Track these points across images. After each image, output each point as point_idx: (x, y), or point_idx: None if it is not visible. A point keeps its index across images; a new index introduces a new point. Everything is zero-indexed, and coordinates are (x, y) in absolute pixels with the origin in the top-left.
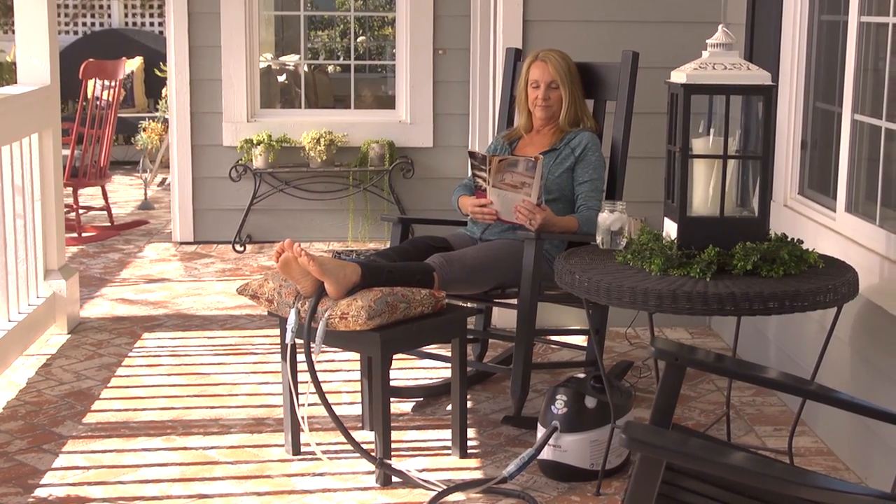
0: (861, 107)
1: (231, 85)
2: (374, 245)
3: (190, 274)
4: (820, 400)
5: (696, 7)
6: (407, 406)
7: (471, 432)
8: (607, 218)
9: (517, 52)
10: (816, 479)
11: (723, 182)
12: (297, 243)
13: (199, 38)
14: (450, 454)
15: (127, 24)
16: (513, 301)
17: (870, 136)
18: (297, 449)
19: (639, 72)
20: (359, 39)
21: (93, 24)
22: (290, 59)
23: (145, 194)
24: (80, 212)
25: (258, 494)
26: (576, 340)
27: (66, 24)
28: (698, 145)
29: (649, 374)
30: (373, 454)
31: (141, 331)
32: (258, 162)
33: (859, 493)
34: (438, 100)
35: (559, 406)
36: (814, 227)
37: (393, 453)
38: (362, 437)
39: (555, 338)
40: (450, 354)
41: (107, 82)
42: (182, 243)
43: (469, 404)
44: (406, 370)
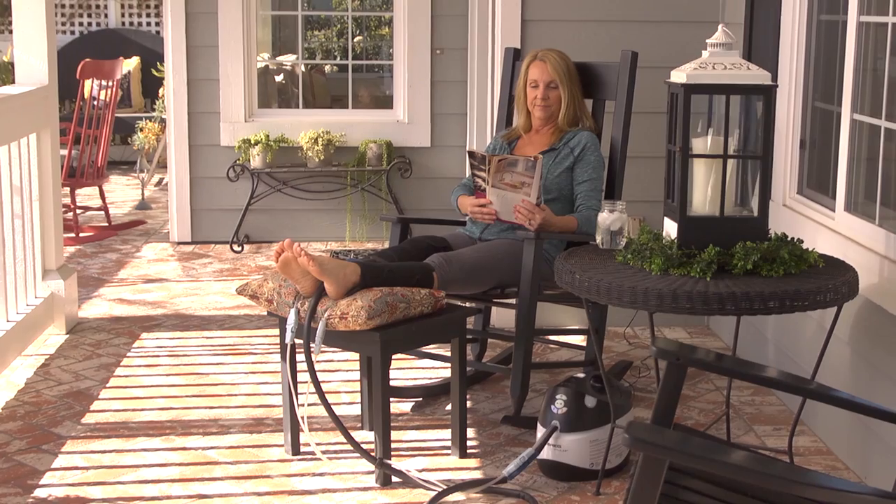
0: (860, 106)
1: (228, 85)
2: (371, 245)
3: (188, 274)
4: (822, 399)
5: (695, 7)
6: (406, 406)
7: (470, 432)
8: (607, 218)
9: (516, 51)
10: (819, 479)
11: (723, 182)
12: (297, 243)
13: (196, 37)
14: (449, 454)
15: (123, 23)
16: (512, 301)
17: (869, 135)
18: (296, 449)
19: (637, 71)
20: (355, 39)
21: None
22: (287, 59)
23: (142, 194)
24: (78, 212)
25: (258, 494)
26: (574, 340)
27: (63, 23)
28: (698, 145)
29: (648, 374)
30: (372, 454)
31: (139, 331)
32: (256, 162)
33: (862, 493)
34: (436, 100)
35: (559, 406)
36: (813, 227)
37: (392, 453)
38: (362, 437)
39: (553, 337)
40: (448, 354)
41: (104, 82)
42: (180, 243)
43: (468, 404)
44: (405, 370)
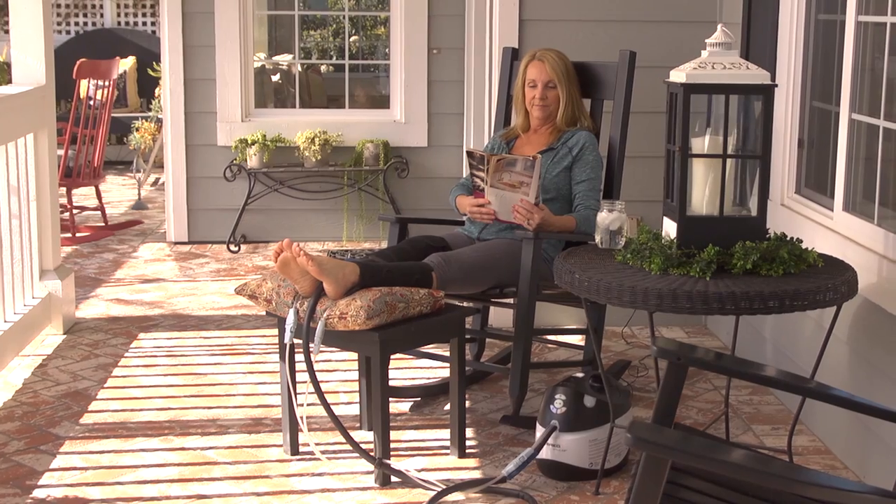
0: (859, 106)
1: (225, 84)
2: (368, 245)
3: (185, 274)
4: (823, 399)
5: (693, 6)
6: (404, 406)
7: (469, 432)
8: (606, 217)
9: (514, 51)
10: (821, 478)
11: (722, 181)
12: (296, 243)
13: (193, 37)
14: (448, 454)
15: (119, 23)
16: (510, 301)
17: (867, 135)
18: (295, 449)
19: (636, 71)
20: (351, 39)
21: (85, 23)
22: (283, 59)
23: (139, 194)
24: (74, 212)
25: (257, 495)
26: (573, 340)
27: (59, 23)
28: (696, 145)
29: (646, 373)
30: (372, 454)
31: (137, 331)
32: (252, 162)
33: (863, 492)
34: (433, 99)
35: (558, 405)
36: (811, 227)
37: (392, 453)
38: (360, 437)
39: (552, 337)
40: (447, 354)
41: (100, 82)
42: (176, 243)
43: (467, 404)
44: (403, 370)
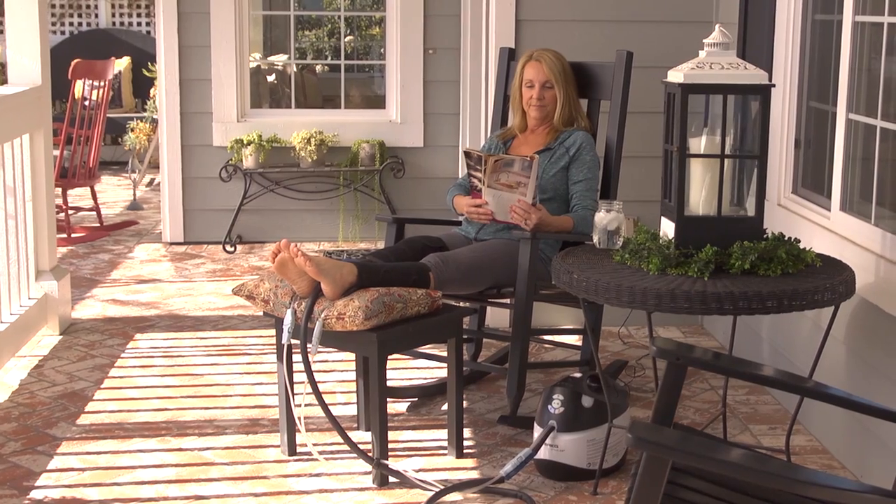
0: (855, 106)
1: (221, 85)
2: (364, 245)
3: (181, 274)
4: (821, 398)
5: (689, 6)
6: (402, 406)
7: (467, 432)
8: (604, 217)
9: (510, 51)
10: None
11: (720, 181)
12: (294, 243)
13: (188, 38)
14: (446, 454)
15: (114, 23)
16: (507, 301)
17: (864, 135)
18: (293, 449)
19: (633, 71)
20: (346, 39)
21: (80, 23)
22: (278, 59)
23: (134, 195)
24: (70, 212)
25: (255, 495)
26: (570, 340)
27: (53, 23)
28: (694, 145)
29: (643, 374)
30: (369, 454)
31: (133, 332)
32: (248, 162)
33: (863, 492)
34: (429, 99)
35: (556, 405)
36: (808, 227)
37: (389, 453)
38: (358, 437)
39: (549, 337)
40: (444, 354)
41: (95, 82)
42: (172, 244)
43: (464, 404)
44: (400, 370)
